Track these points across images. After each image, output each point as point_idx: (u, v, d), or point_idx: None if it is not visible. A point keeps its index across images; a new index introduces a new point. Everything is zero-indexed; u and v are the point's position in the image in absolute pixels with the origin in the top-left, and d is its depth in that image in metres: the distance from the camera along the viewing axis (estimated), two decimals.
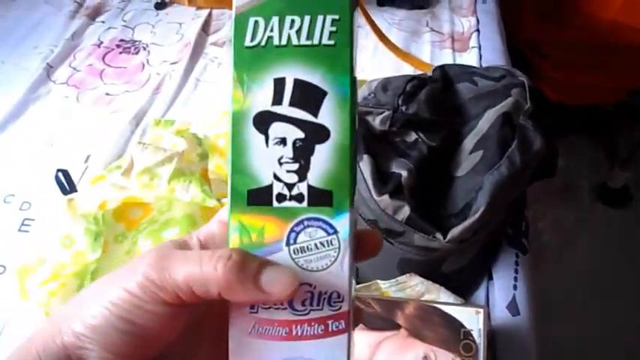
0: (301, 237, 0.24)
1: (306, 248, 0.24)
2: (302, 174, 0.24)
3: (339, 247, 0.24)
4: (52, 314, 0.27)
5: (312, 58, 0.24)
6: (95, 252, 0.62)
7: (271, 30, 0.24)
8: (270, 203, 0.24)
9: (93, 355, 0.23)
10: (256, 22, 0.24)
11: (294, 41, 0.24)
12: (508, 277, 0.65)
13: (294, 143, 0.24)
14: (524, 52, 1.47)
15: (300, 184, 0.24)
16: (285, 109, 0.24)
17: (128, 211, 0.67)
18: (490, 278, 0.66)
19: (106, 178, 0.76)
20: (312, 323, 0.24)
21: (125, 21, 1.16)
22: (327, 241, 0.24)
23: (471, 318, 0.56)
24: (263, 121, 0.24)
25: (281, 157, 0.24)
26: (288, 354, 0.23)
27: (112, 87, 0.98)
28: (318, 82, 0.24)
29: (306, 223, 0.24)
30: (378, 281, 0.61)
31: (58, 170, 0.70)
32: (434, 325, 0.56)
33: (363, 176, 0.58)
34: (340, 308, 0.24)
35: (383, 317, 0.57)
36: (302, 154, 0.24)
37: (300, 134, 0.24)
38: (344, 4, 0.24)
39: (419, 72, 0.94)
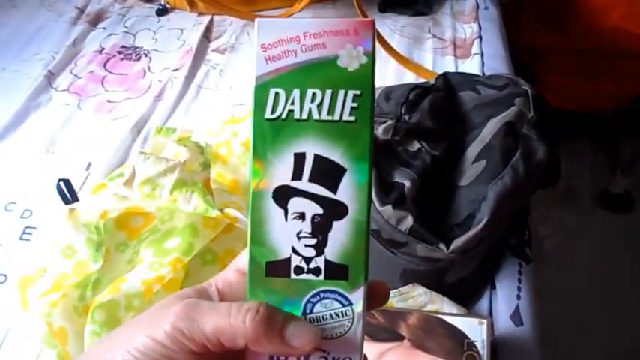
0: (317, 307, 0.25)
1: (321, 318, 0.25)
2: (319, 249, 0.25)
3: (353, 318, 0.25)
4: (82, 356, 0.27)
5: (332, 135, 0.24)
6: (97, 262, 0.62)
7: (292, 103, 0.24)
8: (288, 275, 0.25)
9: None
10: (277, 93, 0.24)
11: (315, 116, 0.24)
12: (511, 287, 0.65)
13: (312, 219, 0.24)
14: (525, 58, 1.47)
15: (317, 258, 0.25)
16: (304, 184, 0.24)
17: (129, 219, 0.67)
18: (493, 288, 0.66)
19: (108, 186, 0.76)
20: None
21: (126, 27, 1.15)
22: (342, 312, 0.25)
23: (474, 328, 0.56)
24: (282, 196, 0.25)
25: (299, 232, 0.25)
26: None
27: (113, 94, 0.98)
28: (338, 159, 0.24)
29: (322, 295, 0.25)
30: None
31: (60, 180, 0.69)
32: (437, 336, 0.55)
33: None
34: None
35: (386, 328, 0.56)
36: (320, 229, 0.25)
37: (319, 210, 0.24)
38: (366, 80, 0.24)
39: (421, 79, 0.94)
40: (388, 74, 0.99)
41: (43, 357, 0.59)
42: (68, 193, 0.68)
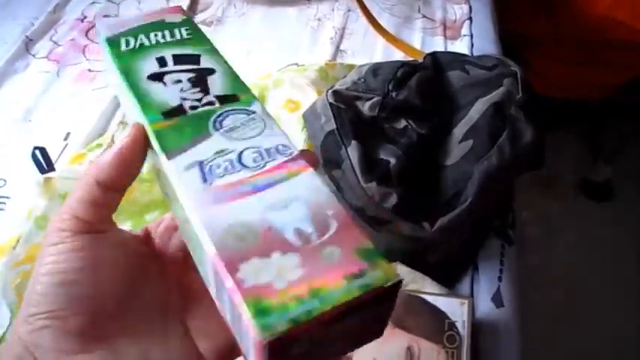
0: (226, 122, 0.27)
1: (234, 127, 0.27)
2: (204, 91, 0.28)
3: (263, 119, 0.27)
4: None
5: (179, 44, 0.31)
6: None
7: (141, 40, 0.31)
8: (185, 113, 0.27)
9: (46, 335, 0.24)
10: (127, 39, 0.31)
11: (162, 40, 0.31)
12: (493, 269, 0.65)
13: (188, 79, 0.29)
14: (513, 44, 1.46)
15: (206, 97, 0.28)
16: (172, 67, 0.29)
17: None
18: (475, 269, 0.65)
19: (87, 156, 0.74)
20: (273, 170, 0.25)
21: None
22: (249, 119, 0.27)
23: (455, 309, 0.55)
24: (156, 77, 0.29)
25: (181, 89, 0.28)
26: (264, 204, 0.23)
27: (94, 63, 0.95)
28: (191, 52, 0.30)
29: (225, 114, 0.27)
30: None
31: (35, 148, 0.67)
32: (418, 316, 0.55)
33: (351, 162, 0.57)
34: (293, 152, 0.26)
35: None
36: (198, 82, 0.29)
37: (191, 74, 0.29)
38: (188, 21, 0.32)
39: (409, 58, 0.93)
40: (376, 52, 0.97)
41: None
42: (44, 162, 0.66)
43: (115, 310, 0.26)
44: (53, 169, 0.68)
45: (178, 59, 0.30)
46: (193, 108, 0.27)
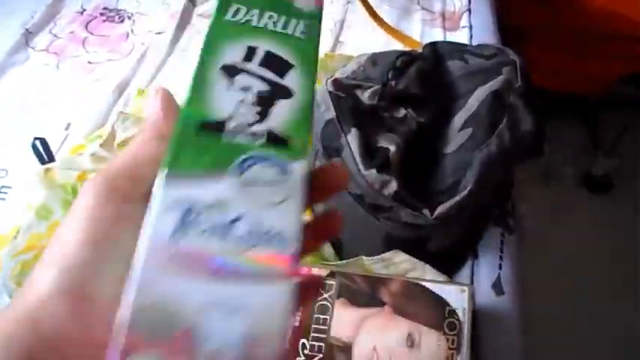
0: (251, 170, 0.22)
1: (253, 182, 0.22)
2: (261, 116, 0.23)
3: (291, 188, 0.22)
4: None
5: (283, 42, 0.26)
6: None
7: (251, 15, 0.26)
8: (222, 136, 0.23)
9: (62, 318, 0.20)
10: (238, 8, 0.26)
11: (270, 27, 0.26)
12: (493, 257, 0.65)
13: (258, 92, 0.24)
14: (512, 36, 1.46)
15: (257, 125, 0.23)
16: (254, 66, 0.24)
17: None
18: (475, 257, 0.65)
19: (87, 147, 0.74)
20: (253, 260, 0.20)
21: None
22: (277, 180, 0.22)
23: (455, 296, 0.56)
24: (231, 70, 0.24)
25: (243, 99, 0.24)
26: (210, 296, 0.19)
27: (94, 55, 0.95)
28: (287, 57, 0.25)
29: (256, 160, 0.22)
30: (363, 257, 0.61)
31: (36, 138, 0.67)
32: (419, 303, 0.55)
33: (351, 150, 0.57)
34: (284, 251, 0.21)
35: (367, 294, 0.56)
36: (264, 102, 0.24)
37: (266, 87, 0.24)
38: (316, 18, 0.27)
39: (408, 49, 0.93)
40: (375, 44, 0.97)
41: None
42: (44, 152, 0.66)
43: None
44: (53, 160, 0.68)
45: (268, 59, 0.25)
46: (234, 132, 0.23)
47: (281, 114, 0.24)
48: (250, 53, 0.25)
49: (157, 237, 0.20)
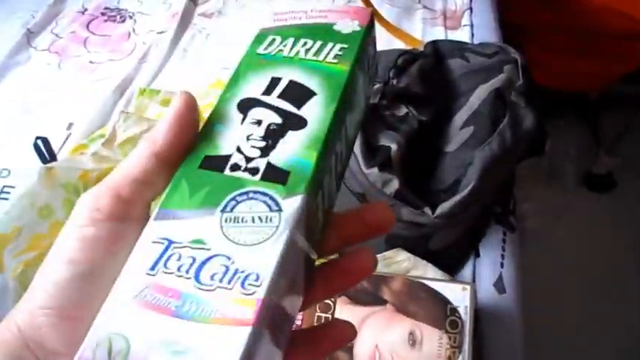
0: (240, 207, 0.21)
1: (240, 219, 0.21)
2: (265, 151, 0.23)
3: (278, 226, 0.21)
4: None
5: (311, 68, 0.25)
6: None
7: (284, 45, 0.26)
8: (222, 171, 0.22)
9: (50, 335, 0.21)
10: (274, 38, 0.26)
11: (301, 55, 0.26)
12: (495, 255, 0.65)
13: (268, 125, 0.23)
14: (513, 35, 1.46)
15: (259, 160, 0.22)
16: (271, 99, 0.24)
17: None
18: (477, 256, 0.66)
19: (88, 147, 0.74)
20: (216, 298, 0.19)
21: None
22: (266, 217, 0.21)
23: (457, 295, 0.56)
24: (246, 104, 0.24)
25: (251, 135, 0.23)
26: (163, 335, 0.19)
27: (95, 55, 0.95)
28: (311, 85, 0.25)
29: (251, 195, 0.21)
30: None
31: (37, 138, 0.67)
32: (420, 302, 0.55)
33: None
34: (254, 294, 0.19)
35: (369, 292, 0.56)
36: (273, 135, 0.23)
37: (278, 120, 0.24)
38: (356, 39, 0.26)
39: (410, 47, 0.93)
40: (377, 42, 0.97)
41: None
42: (46, 152, 0.66)
43: None
44: (55, 159, 0.68)
45: (289, 89, 0.25)
46: (235, 167, 0.22)
47: (288, 146, 0.23)
48: (273, 84, 0.25)
49: (133, 271, 0.20)
